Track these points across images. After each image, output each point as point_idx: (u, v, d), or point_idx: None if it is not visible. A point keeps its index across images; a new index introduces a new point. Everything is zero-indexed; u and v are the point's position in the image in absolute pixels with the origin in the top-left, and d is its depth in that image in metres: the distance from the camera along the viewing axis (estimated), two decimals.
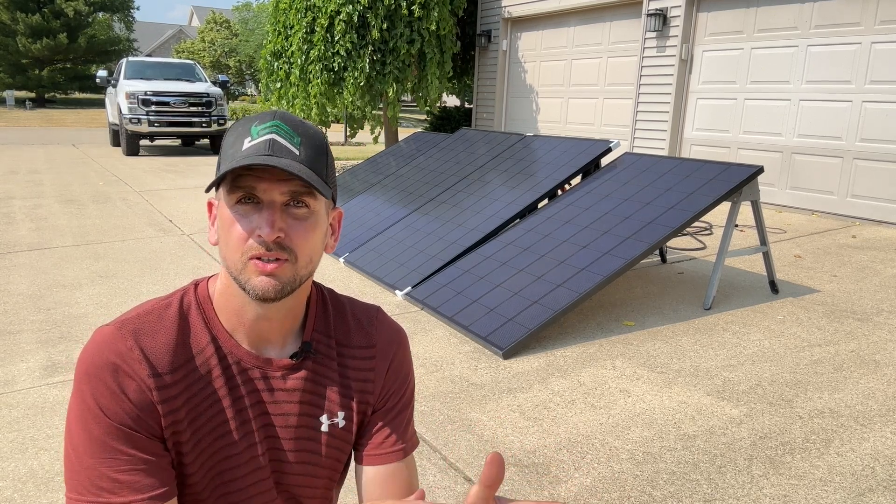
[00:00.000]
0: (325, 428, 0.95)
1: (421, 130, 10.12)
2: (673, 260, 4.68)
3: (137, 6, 30.03)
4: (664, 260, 4.60)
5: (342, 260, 4.48)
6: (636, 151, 6.51)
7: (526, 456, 2.14)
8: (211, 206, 0.90)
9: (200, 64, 25.07)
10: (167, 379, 0.84)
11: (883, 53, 5.76)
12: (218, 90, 11.58)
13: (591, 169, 4.46)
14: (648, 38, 7.64)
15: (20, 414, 2.33)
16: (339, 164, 10.32)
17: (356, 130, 9.86)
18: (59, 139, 13.84)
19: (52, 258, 4.39)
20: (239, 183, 0.81)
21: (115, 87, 11.72)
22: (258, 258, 0.81)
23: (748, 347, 3.09)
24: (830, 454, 2.16)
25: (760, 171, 3.57)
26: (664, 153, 7.59)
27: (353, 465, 1.08)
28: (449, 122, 12.10)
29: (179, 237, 5.10)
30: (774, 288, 3.91)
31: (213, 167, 9.76)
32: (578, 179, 5.69)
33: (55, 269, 4.15)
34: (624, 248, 3.40)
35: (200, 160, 10.73)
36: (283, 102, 9.43)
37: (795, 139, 6.46)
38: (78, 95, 28.71)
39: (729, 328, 3.33)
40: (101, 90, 25.01)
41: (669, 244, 5.14)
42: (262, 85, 10.02)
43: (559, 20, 9.07)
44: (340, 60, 8.64)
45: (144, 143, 12.64)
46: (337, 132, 18.05)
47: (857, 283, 4.12)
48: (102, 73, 12.11)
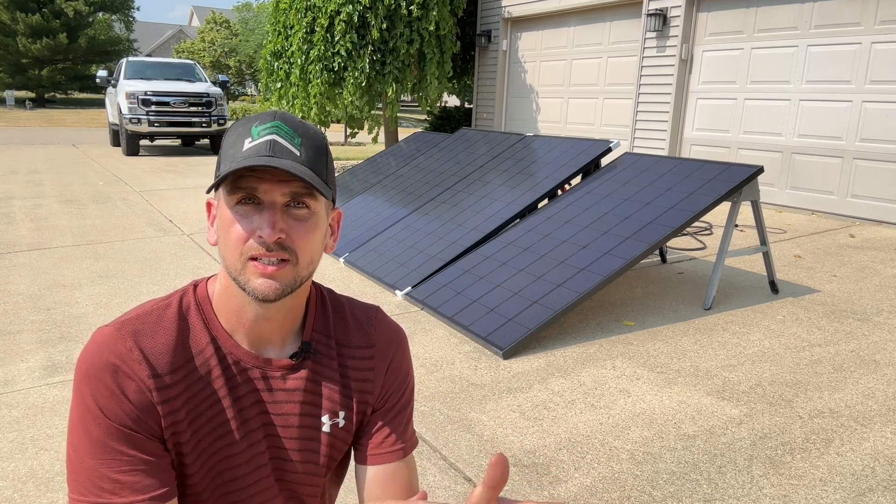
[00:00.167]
0: (326, 428, 0.95)
1: (421, 130, 10.11)
2: (673, 260, 4.68)
3: (138, 6, 30.05)
4: (664, 260, 4.60)
5: (342, 260, 4.48)
6: (636, 151, 6.51)
7: (526, 456, 2.14)
8: (210, 206, 0.90)
9: (200, 64, 25.07)
10: (167, 380, 0.84)
11: (883, 53, 5.76)
12: (218, 90, 11.59)
13: (591, 169, 4.46)
14: (648, 38, 7.64)
15: (20, 414, 2.33)
16: (339, 164, 10.32)
17: (356, 131, 9.86)
18: (59, 139, 13.84)
19: (52, 258, 4.39)
20: (239, 184, 0.81)
21: (115, 87, 11.72)
22: (258, 259, 0.81)
23: (748, 347, 3.09)
24: (830, 454, 2.16)
25: (760, 171, 3.57)
26: (664, 153, 7.59)
27: (353, 465, 1.08)
28: (449, 122, 12.10)
29: (179, 237, 5.10)
30: (774, 288, 3.91)
31: (213, 167, 9.76)
32: (578, 179, 5.68)
33: (55, 269, 4.15)
34: (624, 248, 3.40)
35: (200, 160, 10.73)
36: (283, 102, 9.43)
37: (795, 139, 6.46)
38: (78, 95, 28.72)
39: (729, 328, 3.33)
40: (101, 90, 25.02)
41: (669, 244, 5.14)
42: (261, 85, 10.02)
43: (559, 20, 9.07)
44: (340, 60, 8.64)
45: (144, 143, 12.64)
46: (337, 132, 18.05)
47: (857, 283, 4.12)
48: (102, 73, 12.11)
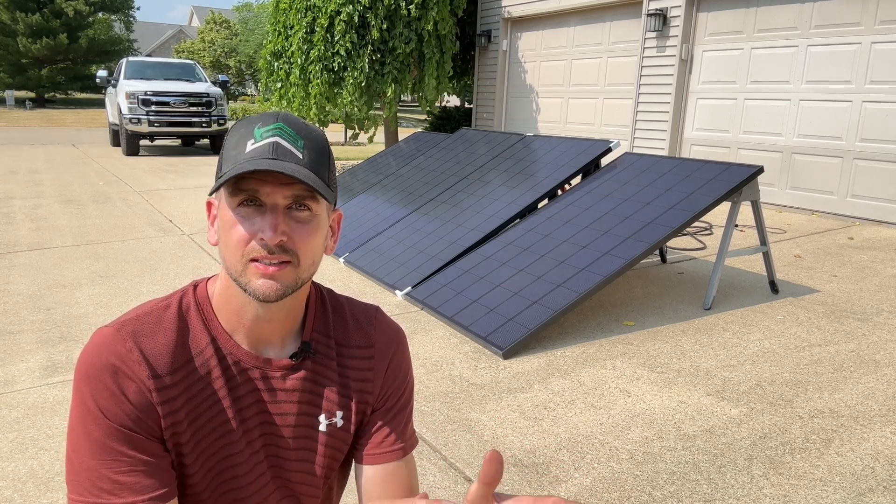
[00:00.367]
0: (323, 427, 0.95)
1: (421, 130, 10.12)
2: (673, 260, 4.68)
3: (138, 6, 30.05)
4: (664, 260, 4.60)
5: (342, 260, 4.48)
6: (636, 151, 6.51)
7: (526, 456, 2.14)
8: (210, 205, 0.90)
9: (200, 64, 25.07)
10: (167, 380, 0.84)
11: (883, 53, 5.76)
12: (218, 90, 11.58)
13: (591, 169, 4.46)
14: (648, 38, 7.64)
15: (20, 414, 2.33)
16: (339, 164, 10.32)
17: (357, 133, 9.85)
18: (59, 139, 13.84)
19: (52, 258, 4.39)
20: (242, 186, 0.81)
21: (115, 87, 11.72)
22: (259, 260, 0.81)
23: (748, 347, 3.09)
24: (830, 454, 2.16)
25: (760, 171, 3.57)
26: (664, 153, 7.59)
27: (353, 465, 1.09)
28: (449, 122, 12.10)
29: (179, 237, 5.10)
30: (774, 288, 3.91)
31: (213, 167, 9.76)
32: (578, 179, 5.68)
33: (55, 269, 4.15)
34: (624, 248, 3.40)
35: (200, 160, 10.73)
36: (283, 102, 9.43)
37: (795, 139, 6.46)
38: (78, 95, 28.72)
39: (729, 328, 3.33)
40: (101, 90, 25.00)
41: (669, 244, 5.14)
42: (261, 85, 10.02)
43: (559, 20, 9.07)
44: (340, 60, 8.64)
45: (144, 143, 12.64)
46: (337, 132, 18.05)
47: (857, 283, 4.12)
48: (102, 73, 12.11)
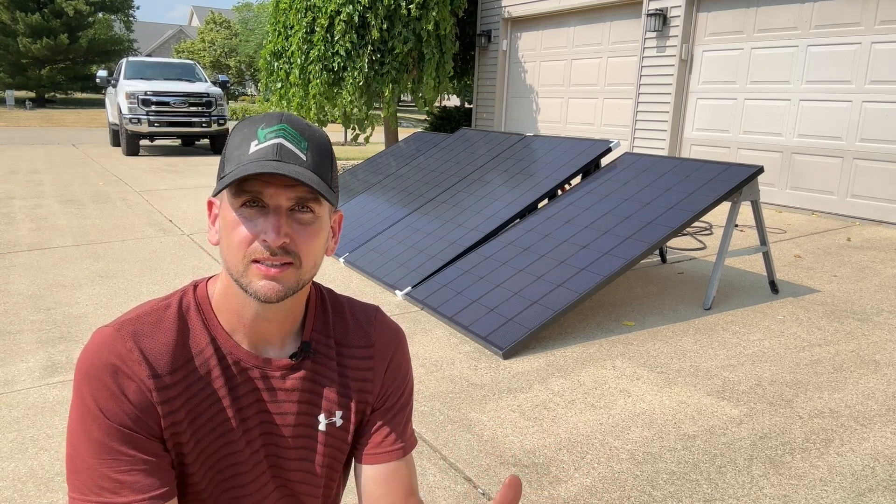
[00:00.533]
0: (322, 427, 0.95)
1: (421, 130, 10.12)
2: (673, 260, 4.68)
3: (137, 6, 30.02)
4: (664, 260, 4.60)
5: (342, 260, 4.48)
6: (636, 151, 6.51)
7: (526, 456, 2.13)
8: (211, 205, 0.90)
9: (200, 64, 25.07)
10: (167, 380, 0.84)
11: (883, 53, 5.76)
12: (218, 90, 11.58)
13: (591, 169, 4.46)
14: (648, 38, 7.64)
15: (20, 414, 2.33)
16: (339, 164, 10.32)
17: (357, 134, 9.84)
18: (59, 139, 13.84)
19: (52, 258, 4.39)
20: (245, 187, 0.81)
21: (115, 87, 11.72)
22: (261, 261, 0.81)
23: (748, 347, 3.09)
24: (830, 454, 2.16)
25: (760, 171, 3.57)
26: (664, 153, 7.59)
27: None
28: (449, 122, 12.10)
29: (179, 237, 5.10)
30: (774, 288, 3.91)
31: (213, 167, 9.76)
32: (578, 179, 5.69)
33: (55, 269, 4.15)
34: (624, 248, 3.40)
35: (200, 160, 10.73)
36: (283, 102, 9.43)
37: (795, 139, 6.46)
38: (78, 95, 28.71)
39: (729, 328, 3.33)
40: (101, 90, 25.00)
41: (669, 244, 5.14)
42: (261, 85, 10.02)
43: (559, 20, 9.07)
44: (340, 60, 8.64)
45: (144, 143, 12.64)
46: (337, 132, 18.05)
47: (857, 283, 4.12)
48: (102, 73, 12.11)
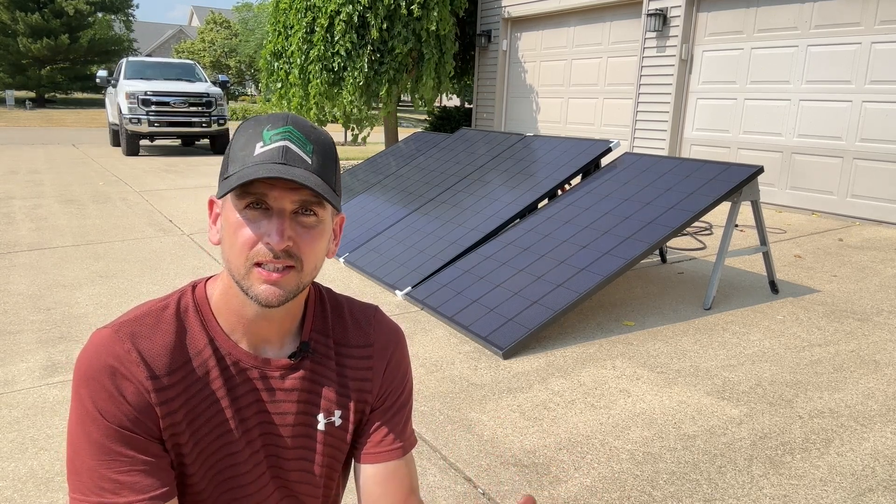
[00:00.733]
0: (321, 426, 0.95)
1: (421, 130, 10.12)
2: (673, 260, 4.68)
3: (137, 4, 29.99)
4: (664, 260, 4.60)
5: (342, 260, 4.48)
6: (636, 151, 6.51)
7: (526, 456, 2.13)
8: (212, 203, 0.90)
9: (200, 64, 25.08)
10: (165, 381, 0.84)
11: (883, 53, 5.76)
12: (218, 90, 11.58)
13: (591, 169, 4.46)
14: (648, 38, 7.64)
15: (20, 414, 2.33)
16: (340, 164, 10.30)
17: (356, 135, 9.85)
18: (59, 139, 13.84)
19: (52, 258, 4.39)
20: (249, 189, 0.81)
21: (115, 87, 11.72)
22: (263, 265, 0.81)
23: (748, 347, 3.08)
24: (830, 454, 2.16)
25: (760, 171, 3.57)
26: (664, 153, 7.59)
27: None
28: (449, 122, 12.10)
29: (179, 237, 5.10)
30: (774, 288, 3.91)
31: (213, 167, 9.76)
32: (578, 179, 5.69)
33: (55, 269, 4.15)
34: (624, 248, 3.40)
35: (200, 160, 10.72)
36: (283, 102, 9.43)
37: (795, 139, 6.46)
38: (78, 95, 28.71)
39: (729, 328, 3.33)
40: (101, 90, 25.00)
41: (669, 244, 5.14)
42: (262, 85, 10.02)
43: (559, 20, 9.07)
44: (340, 60, 8.64)
45: (144, 143, 12.64)
46: (337, 131, 18.05)
47: (857, 283, 4.12)
48: (102, 73, 12.10)
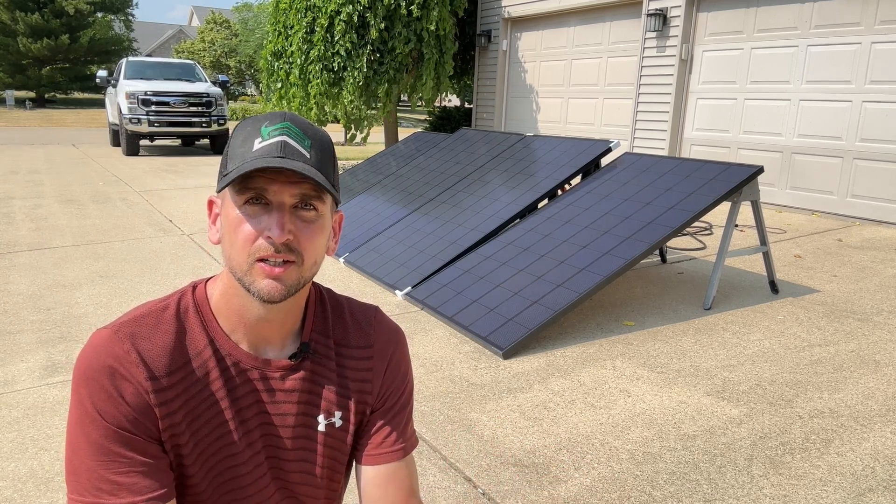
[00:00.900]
0: (321, 428, 0.95)
1: (421, 130, 10.11)
2: (673, 260, 4.68)
3: (136, 2, 29.98)
4: (664, 260, 4.60)
5: (342, 260, 4.48)
6: (636, 151, 6.51)
7: (526, 456, 2.13)
8: (211, 204, 0.90)
9: (200, 64, 25.08)
10: (164, 382, 0.84)
11: (883, 53, 5.76)
12: (218, 90, 11.58)
13: (591, 169, 4.46)
14: (648, 38, 7.64)
15: (20, 414, 2.33)
16: (339, 163, 10.30)
17: (354, 133, 9.84)
18: (59, 139, 13.84)
19: (52, 258, 4.39)
20: (249, 184, 0.81)
21: (115, 87, 11.72)
22: (264, 260, 0.81)
23: (748, 347, 3.08)
24: (830, 454, 2.16)
25: (760, 171, 3.57)
26: (664, 153, 7.59)
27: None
28: (449, 122, 12.10)
29: (179, 237, 5.10)
30: (774, 288, 3.91)
31: (213, 167, 9.76)
32: (578, 179, 5.68)
33: (55, 269, 4.15)
34: (624, 248, 3.40)
35: (200, 160, 10.73)
36: (283, 102, 9.43)
37: (795, 139, 6.46)
38: (78, 95, 28.70)
39: (729, 328, 3.33)
40: (101, 90, 25.00)
41: (669, 244, 5.14)
42: (262, 85, 10.02)
43: (559, 20, 9.07)
44: (340, 60, 8.64)
45: (144, 143, 12.63)
46: (336, 132, 18.04)
47: (857, 283, 4.12)
48: (102, 73, 12.11)
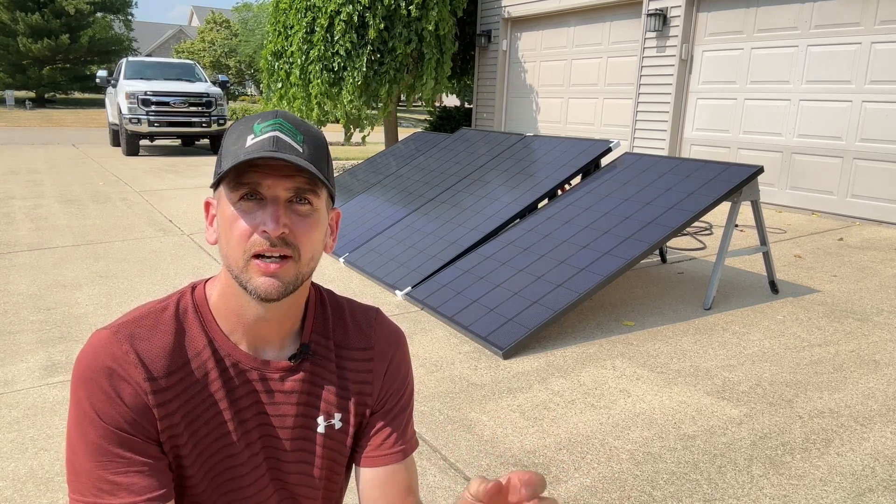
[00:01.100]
0: (321, 429, 0.95)
1: (421, 130, 10.12)
2: (673, 260, 4.68)
3: (136, 2, 29.97)
4: (664, 260, 4.60)
5: (342, 260, 4.48)
6: (636, 151, 6.51)
7: (526, 456, 2.13)
8: (208, 205, 0.90)
9: (200, 64, 25.07)
10: (163, 383, 0.84)
11: (883, 53, 5.76)
12: (218, 90, 11.58)
13: (591, 169, 4.46)
14: (648, 38, 7.64)
15: (20, 414, 2.33)
16: (339, 164, 10.32)
17: (351, 133, 9.84)
18: (59, 139, 13.84)
19: (52, 258, 4.39)
20: (243, 179, 0.81)
21: (114, 87, 11.72)
22: (261, 257, 0.81)
23: (748, 347, 3.08)
24: (830, 454, 2.16)
25: (760, 171, 3.56)
26: (664, 153, 7.59)
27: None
28: (449, 122, 12.10)
29: (179, 237, 5.10)
30: (774, 288, 3.91)
31: (212, 167, 9.76)
32: (578, 179, 5.68)
33: (55, 269, 4.15)
34: (624, 248, 3.40)
35: (200, 160, 10.73)
36: (283, 102, 9.43)
37: (795, 139, 6.46)
38: (78, 95, 28.69)
39: (729, 328, 3.33)
40: (101, 90, 25.00)
41: (669, 244, 5.14)
42: (263, 85, 10.02)
43: (559, 20, 9.07)
44: (340, 60, 8.64)
45: (144, 143, 12.63)
46: (336, 132, 18.04)
47: (857, 283, 4.11)
48: (102, 73, 12.10)
